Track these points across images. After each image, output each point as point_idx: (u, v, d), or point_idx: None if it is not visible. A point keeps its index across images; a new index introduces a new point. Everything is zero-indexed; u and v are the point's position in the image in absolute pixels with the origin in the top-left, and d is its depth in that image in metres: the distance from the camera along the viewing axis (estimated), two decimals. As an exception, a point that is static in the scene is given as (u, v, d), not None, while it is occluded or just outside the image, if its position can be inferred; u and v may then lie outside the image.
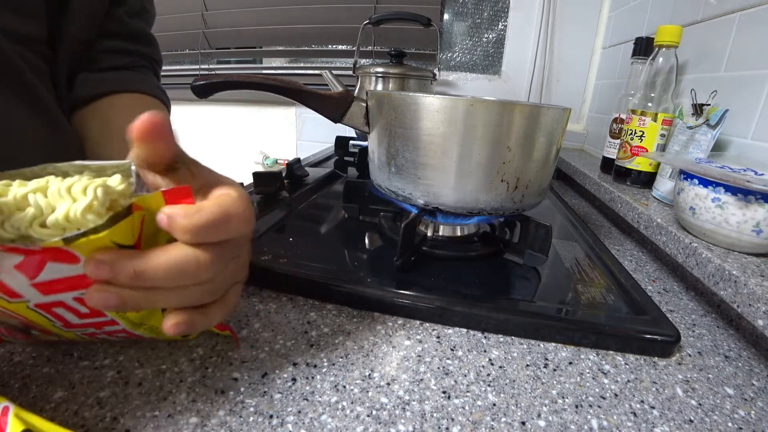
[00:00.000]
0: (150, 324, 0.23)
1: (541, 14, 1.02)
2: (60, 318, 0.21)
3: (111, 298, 0.18)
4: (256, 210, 0.46)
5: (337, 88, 0.86)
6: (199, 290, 0.20)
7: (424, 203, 0.38)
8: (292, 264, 0.36)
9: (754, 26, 0.49)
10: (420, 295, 0.32)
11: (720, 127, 0.47)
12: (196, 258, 0.18)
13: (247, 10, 1.22)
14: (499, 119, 0.34)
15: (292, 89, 0.41)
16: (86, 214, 0.17)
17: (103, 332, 0.23)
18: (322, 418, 0.22)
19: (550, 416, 0.24)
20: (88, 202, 0.17)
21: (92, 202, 0.17)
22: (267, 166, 1.30)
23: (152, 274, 0.18)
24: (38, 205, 0.17)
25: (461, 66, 1.15)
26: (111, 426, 0.21)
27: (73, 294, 0.19)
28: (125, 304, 0.18)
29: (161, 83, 0.48)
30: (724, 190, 0.36)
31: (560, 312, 0.32)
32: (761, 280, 0.31)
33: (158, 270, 0.18)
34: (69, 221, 0.17)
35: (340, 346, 0.28)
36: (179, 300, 0.20)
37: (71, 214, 0.17)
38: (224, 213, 0.19)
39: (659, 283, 0.43)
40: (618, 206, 0.55)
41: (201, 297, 0.21)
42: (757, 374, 0.29)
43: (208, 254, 0.19)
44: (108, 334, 0.24)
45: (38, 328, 0.22)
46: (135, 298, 0.18)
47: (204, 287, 0.20)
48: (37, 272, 0.17)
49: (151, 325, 0.23)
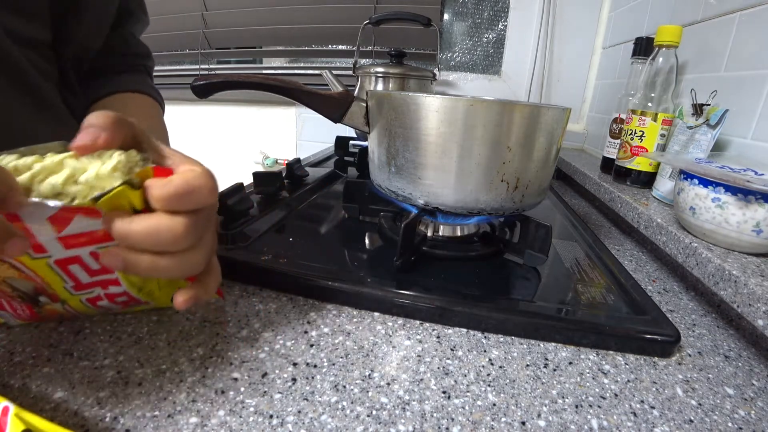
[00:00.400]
0: (148, 288, 0.26)
1: (541, 14, 1.02)
2: (73, 277, 0.23)
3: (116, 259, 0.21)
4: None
5: (337, 88, 0.86)
6: (189, 258, 0.23)
7: (424, 203, 0.38)
8: (292, 264, 0.36)
9: (754, 26, 0.49)
10: (420, 295, 0.32)
11: (720, 127, 0.47)
12: (169, 223, 0.21)
13: (247, 10, 1.22)
14: (499, 119, 0.34)
15: (292, 89, 0.41)
16: (114, 172, 0.20)
17: (107, 294, 0.25)
18: (322, 418, 0.22)
19: (550, 416, 0.24)
20: (115, 163, 0.20)
21: (118, 164, 0.21)
22: (267, 166, 1.30)
23: (135, 236, 0.20)
24: (73, 166, 0.20)
25: (461, 66, 1.15)
26: (111, 426, 0.21)
27: (90, 249, 0.22)
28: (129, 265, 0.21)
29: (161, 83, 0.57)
30: (724, 190, 0.36)
31: (560, 312, 0.32)
32: (761, 280, 0.31)
33: (139, 232, 0.20)
34: (98, 178, 0.20)
35: (340, 346, 0.28)
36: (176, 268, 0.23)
37: (101, 171, 0.20)
38: (189, 185, 0.22)
39: (659, 283, 0.43)
40: (618, 206, 0.55)
41: (194, 264, 0.23)
42: (757, 374, 0.29)
43: (181, 220, 0.22)
44: (110, 299, 0.26)
45: (49, 291, 0.24)
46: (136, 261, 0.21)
47: (191, 257, 0.23)
48: (65, 225, 0.20)
49: (148, 289, 0.26)
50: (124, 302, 0.27)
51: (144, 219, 0.21)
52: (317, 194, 0.59)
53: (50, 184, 0.19)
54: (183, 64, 1.40)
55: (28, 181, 0.19)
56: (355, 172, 0.74)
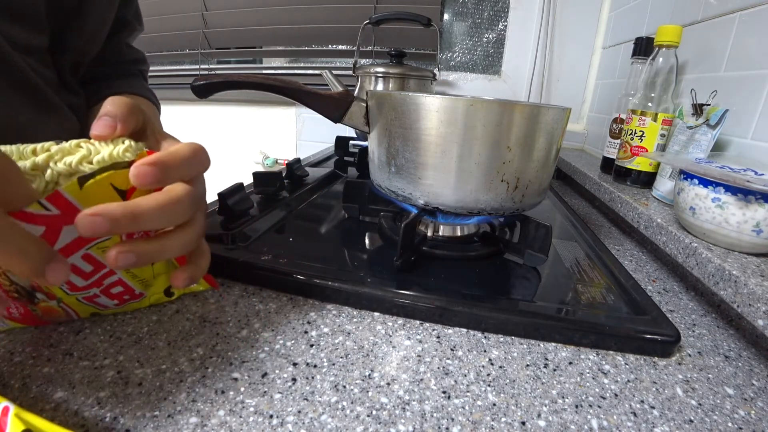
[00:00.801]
0: (142, 277, 0.28)
1: (541, 14, 1.02)
2: (69, 284, 0.24)
3: (130, 256, 0.21)
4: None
5: (337, 88, 0.86)
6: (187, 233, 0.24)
7: (424, 203, 0.38)
8: (292, 264, 0.36)
9: (754, 26, 0.49)
10: (420, 295, 0.32)
11: (720, 127, 0.47)
12: (175, 191, 0.23)
13: (247, 10, 1.22)
14: (499, 119, 0.34)
15: (292, 89, 0.41)
16: (126, 152, 0.23)
17: (103, 291, 0.26)
18: (322, 418, 0.22)
19: (550, 416, 0.24)
20: (126, 146, 0.23)
21: (129, 146, 0.23)
22: (267, 166, 1.30)
23: (147, 213, 0.21)
24: (88, 148, 0.22)
25: (461, 66, 1.15)
26: (111, 426, 0.21)
27: (81, 252, 0.23)
28: (142, 257, 0.22)
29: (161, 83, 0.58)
30: (724, 190, 0.36)
31: (560, 312, 0.32)
32: (761, 280, 0.31)
33: (151, 208, 0.21)
34: (112, 158, 0.22)
35: (340, 346, 0.28)
36: (179, 246, 0.24)
37: (114, 153, 0.22)
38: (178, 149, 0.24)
39: (659, 283, 0.43)
40: (618, 206, 0.55)
41: (191, 240, 0.25)
42: (757, 374, 0.29)
43: (183, 186, 0.24)
44: (106, 293, 0.26)
45: (45, 291, 0.24)
46: (147, 250, 0.22)
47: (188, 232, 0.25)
48: (56, 237, 0.21)
49: (143, 277, 0.28)
50: (119, 294, 0.27)
51: (151, 196, 0.22)
52: (317, 194, 0.59)
53: (66, 163, 0.21)
54: (183, 64, 1.40)
55: (45, 161, 0.21)
56: (355, 172, 0.74)
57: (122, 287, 0.27)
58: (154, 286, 0.30)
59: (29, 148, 0.21)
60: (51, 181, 0.21)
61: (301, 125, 1.27)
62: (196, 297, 0.33)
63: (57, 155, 0.21)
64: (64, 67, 0.39)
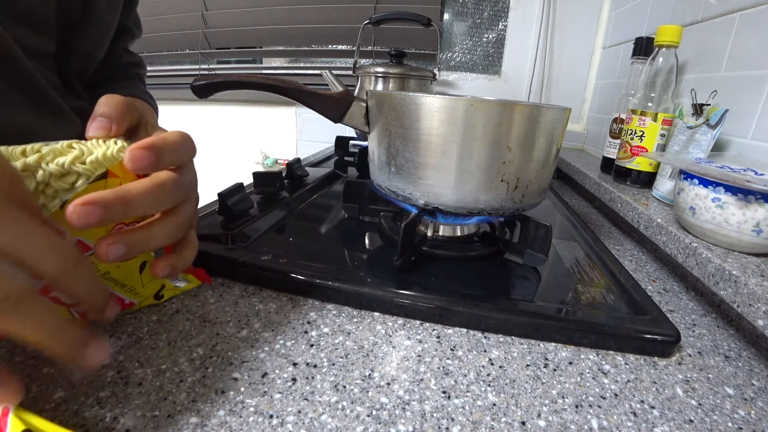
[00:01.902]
0: (130, 285, 0.28)
1: (541, 14, 1.02)
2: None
3: (120, 247, 0.21)
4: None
5: (337, 88, 0.86)
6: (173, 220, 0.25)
7: (424, 203, 0.38)
8: (292, 264, 0.36)
9: (754, 26, 0.49)
10: (420, 295, 0.32)
11: (720, 127, 0.47)
12: (160, 177, 0.23)
13: (247, 10, 1.22)
14: (499, 119, 0.34)
15: (292, 89, 0.41)
16: (120, 153, 0.23)
17: None
18: (322, 418, 0.22)
19: (550, 416, 0.24)
20: (120, 146, 0.23)
21: (123, 146, 0.23)
22: (267, 166, 1.30)
23: (137, 197, 0.21)
24: (81, 149, 0.22)
25: (461, 66, 1.15)
26: (111, 426, 0.21)
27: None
28: (131, 247, 0.22)
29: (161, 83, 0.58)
30: (724, 190, 0.36)
31: (560, 312, 0.32)
32: (761, 280, 0.31)
33: (141, 192, 0.22)
34: (105, 159, 0.22)
35: (340, 346, 0.28)
36: (166, 233, 0.24)
37: (108, 153, 0.22)
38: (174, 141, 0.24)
39: (659, 283, 0.43)
40: (618, 206, 0.55)
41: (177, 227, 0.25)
42: (757, 374, 0.29)
43: (169, 173, 0.24)
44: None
45: None
46: (136, 239, 0.22)
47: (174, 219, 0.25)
48: None
49: (130, 285, 0.28)
50: None
51: (138, 182, 0.22)
52: (317, 194, 0.59)
53: (58, 163, 0.21)
54: (183, 64, 1.40)
55: (36, 162, 0.20)
56: (355, 172, 0.74)
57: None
58: (144, 295, 0.30)
59: (18, 150, 0.21)
60: (42, 182, 0.21)
61: (301, 125, 1.27)
62: (196, 297, 0.33)
63: (48, 156, 0.21)
64: (70, 72, 0.40)
